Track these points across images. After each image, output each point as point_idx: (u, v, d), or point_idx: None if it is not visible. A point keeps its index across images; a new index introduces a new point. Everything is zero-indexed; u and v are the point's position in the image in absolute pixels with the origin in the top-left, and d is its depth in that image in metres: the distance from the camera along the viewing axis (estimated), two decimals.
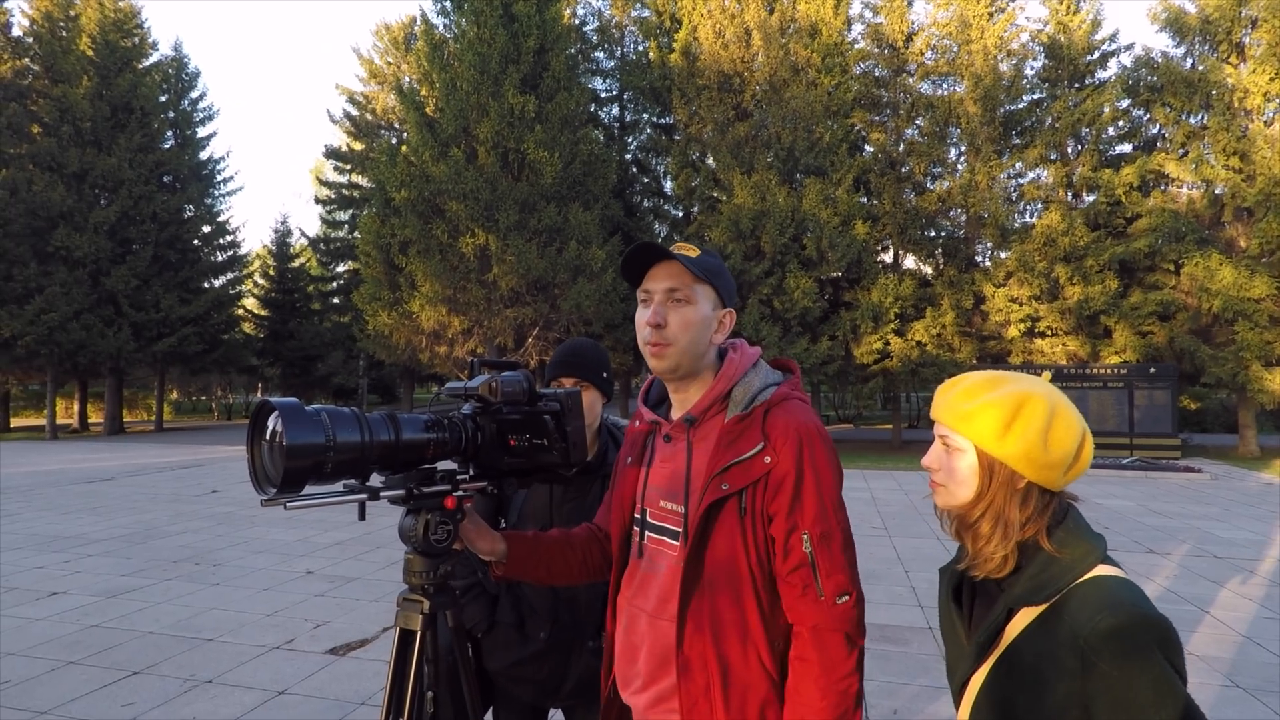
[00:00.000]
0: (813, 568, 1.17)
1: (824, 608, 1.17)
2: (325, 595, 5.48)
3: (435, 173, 16.23)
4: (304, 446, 1.09)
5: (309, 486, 1.15)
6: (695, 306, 1.28)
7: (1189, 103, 16.16)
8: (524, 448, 1.35)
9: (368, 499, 1.25)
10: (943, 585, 1.26)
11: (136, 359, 22.00)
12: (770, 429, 1.23)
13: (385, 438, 1.23)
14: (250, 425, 1.18)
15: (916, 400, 29.48)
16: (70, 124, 20.60)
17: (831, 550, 1.19)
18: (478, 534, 1.40)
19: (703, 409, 1.30)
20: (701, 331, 1.29)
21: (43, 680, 3.91)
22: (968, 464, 1.10)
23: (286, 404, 1.12)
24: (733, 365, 1.32)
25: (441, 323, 16.84)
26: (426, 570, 1.31)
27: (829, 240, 16.45)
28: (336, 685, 3.85)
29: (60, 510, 9.00)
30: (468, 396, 1.38)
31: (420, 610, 1.30)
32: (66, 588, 5.63)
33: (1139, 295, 16.35)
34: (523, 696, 2.00)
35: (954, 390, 1.15)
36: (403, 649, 1.31)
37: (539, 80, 17.10)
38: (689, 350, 1.28)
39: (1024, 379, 1.11)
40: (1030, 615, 1.05)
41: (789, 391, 1.30)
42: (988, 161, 17.14)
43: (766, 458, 1.21)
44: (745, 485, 1.21)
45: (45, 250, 20.16)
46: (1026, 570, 1.06)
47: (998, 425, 1.06)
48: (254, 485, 1.15)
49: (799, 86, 17.11)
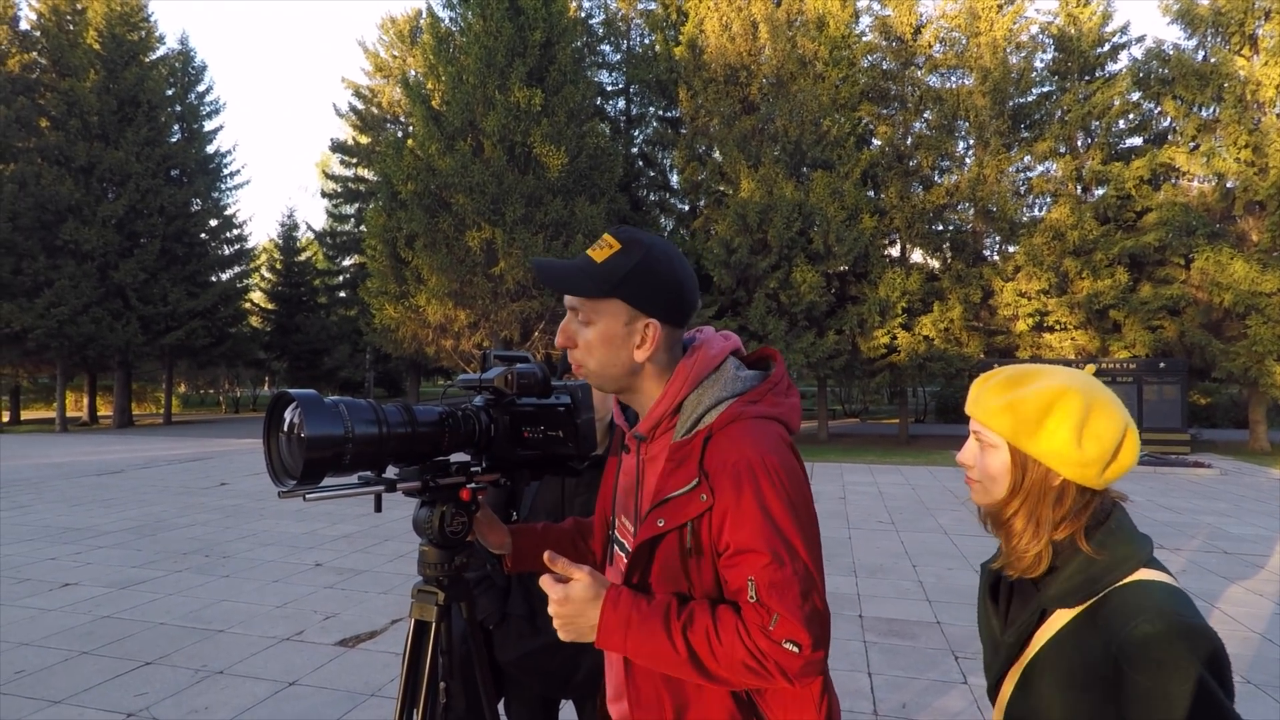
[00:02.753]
0: (766, 610, 1.02)
1: (769, 639, 1.02)
2: (334, 587, 5.50)
3: (441, 166, 16.22)
4: (323, 438, 1.09)
5: (327, 478, 1.15)
6: (596, 327, 1.14)
7: (1200, 95, 16.02)
8: (538, 439, 1.34)
9: (384, 490, 1.25)
10: (981, 582, 1.22)
11: (145, 352, 22.12)
12: (709, 462, 1.08)
13: (402, 429, 1.22)
14: (267, 417, 1.17)
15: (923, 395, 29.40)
16: (78, 118, 20.66)
17: (782, 595, 1.02)
18: (489, 527, 1.39)
19: (651, 425, 1.17)
20: (612, 352, 1.14)
21: (55, 670, 3.94)
22: (1000, 461, 1.07)
23: (305, 395, 1.12)
24: (683, 375, 1.15)
25: (448, 316, 16.87)
26: (441, 562, 1.31)
27: (836, 234, 16.38)
28: (346, 676, 3.87)
29: (70, 502, 9.06)
30: (482, 388, 1.38)
31: (435, 602, 1.30)
32: (78, 579, 5.68)
33: (1149, 289, 16.24)
34: (534, 688, 2.01)
35: (988, 385, 1.10)
36: (417, 640, 1.31)
37: (545, 73, 17.05)
38: (602, 372, 1.16)
39: (1061, 373, 1.07)
40: (1065, 617, 1.02)
41: (742, 409, 1.12)
42: (996, 155, 17.02)
43: (703, 496, 1.06)
44: (684, 523, 1.08)
45: (54, 244, 20.26)
46: (1063, 571, 1.02)
47: (1029, 421, 1.03)
48: (271, 477, 1.15)
49: (806, 80, 17.03)
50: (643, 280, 1.12)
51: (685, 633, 1.05)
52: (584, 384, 1.37)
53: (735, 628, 1.04)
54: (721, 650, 1.03)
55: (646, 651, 1.06)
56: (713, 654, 1.04)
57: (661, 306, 1.14)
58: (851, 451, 16.17)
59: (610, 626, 1.07)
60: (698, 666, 1.05)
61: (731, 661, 1.03)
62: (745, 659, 1.02)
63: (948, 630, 4.61)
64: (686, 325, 1.21)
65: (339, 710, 3.49)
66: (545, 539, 1.44)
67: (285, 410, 1.17)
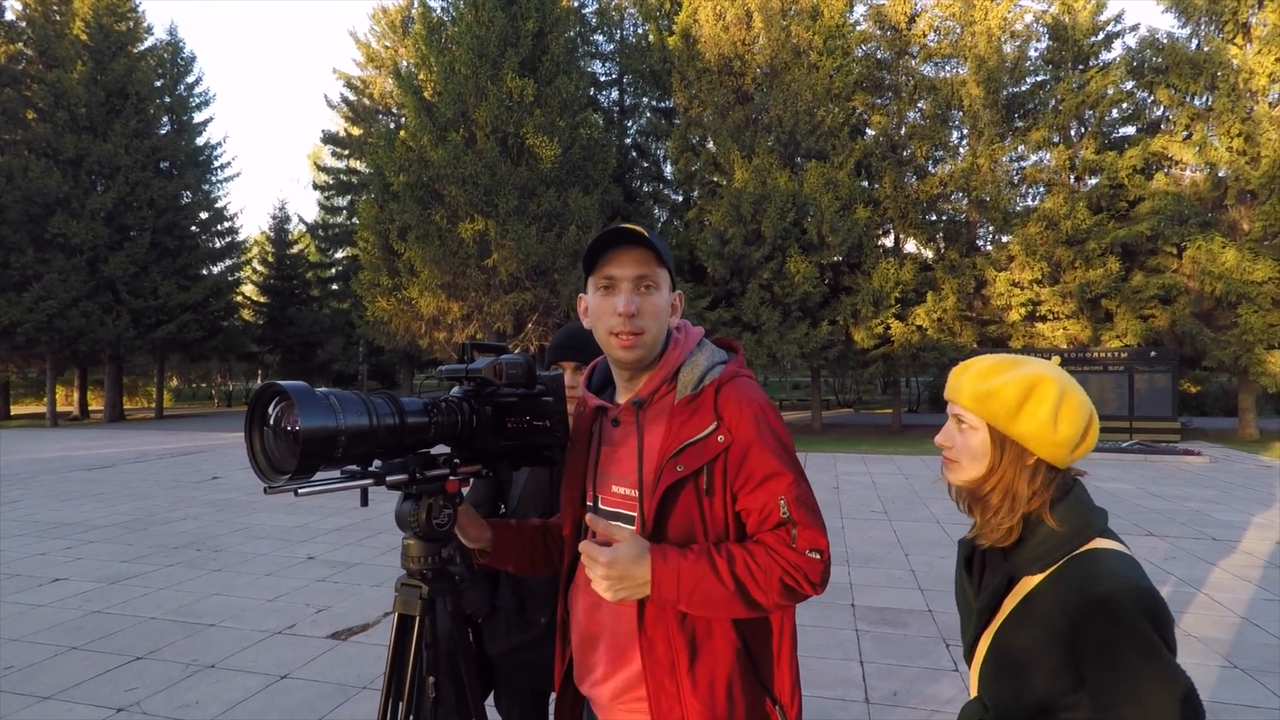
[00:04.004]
0: (790, 524, 1.16)
1: (795, 551, 1.16)
2: (326, 580, 5.49)
3: (433, 157, 16.12)
4: (318, 430, 1.06)
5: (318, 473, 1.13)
6: (660, 293, 1.26)
7: (1194, 84, 16.01)
8: (521, 429, 1.33)
9: (372, 484, 1.23)
10: (959, 555, 1.34)
11: (136, 346, 21.99)
12: (723, 408, 1.22)
13: (390, 420, 1.21)
14: (250, 410, 1.14)
15: (916, 385, 29.49)
16: (65, 109, 20.43)
17: (807, 510, 1.18)
18: (470, 521, 1.39)
19: (650, 390, 1.28)
20: (665, 318, 1.28)
21: (45, 666, 3.92)
22: (980, 441, 1.17)
23: (296, 387, 1.09)
24: (679, 346, 1.31)
25: (441, 309, 16.80)
26: (426, 555, 1.30)
27: (830, 224, 16.36)
28: (338, 669, 3.87)
29: (61, 497, 9.01)
30: (469, 378, 1.37)
31: (419, 595, 1.29)
32: (68, 574, 5.65)
33: (1140, 278, 16.29)
34: (524, 681, 2.00)
35: (968, 372, 1.20)
36: (401, 634, 1.29)
37: (538, 63, 16.93)
38: (657, 338, 1.27)
39: (1035, 362, 1.18)
40: (1031, 583, 1.13)
41: (737, 369, 1.29)
42: (990, 145, 17.01)
43: (720, 437, 1.20)
44: (701, 466, 1.19)
45: (42, 237, 20.07)
46: (1029, 541, 1.13)
47: (1011, 405, 1.13)
48: (257, 473, 1.12)
49: (800, 69, 16.95)
50: (670, 259, 1.30)
51: (731, 567, 1.15)
52: (557, 375, 1.38)
53: (766, 552, 1.16)
54: (762, 575, 1.14)
55: (700, 596, 1.14)
56: (755, 581, 1.14)
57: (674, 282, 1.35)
58: (845, 442, 16.22)
59: (664, 578, 1.14)
60: (745, 598, 1.14)
61: (771, 583, 1.14)
62: (782, 576, 1.14)
63: (939, 618, 4.63)
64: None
65: (331, 703, 3.49)
66: (519, 536, 1.45)
67: (269, 404, 1.14)
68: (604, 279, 1.26)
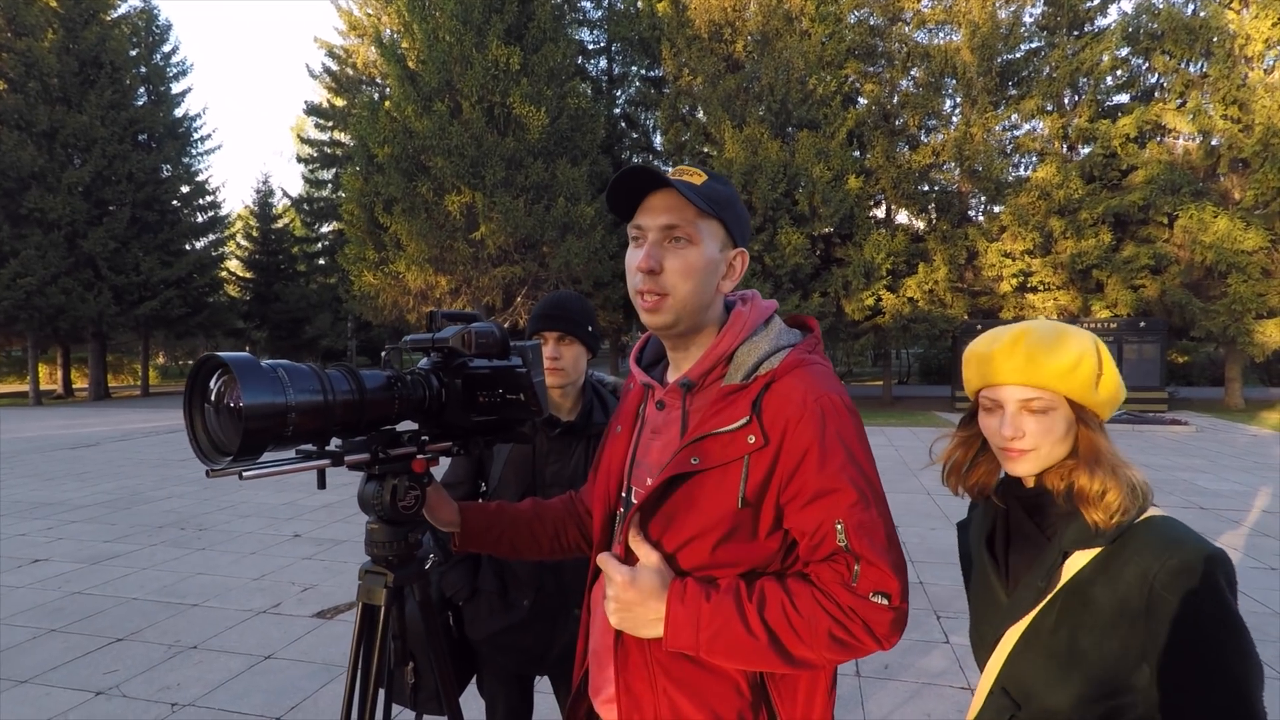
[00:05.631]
0: (852, 557, 0.94)
1: (854, 594, 0.94)
2: (313, 558, 5.42)
3: (418, 128, 15.77)
4: (262, 407, 0.96)
5: (265, 453, 1.03)
6: (698, 248, 1.04)
7: (1189, 50, 15.84)
8: (494, 403, 1.23)
9: (329, 464, 1.13)
10: (970, 536, 1.23)
11: (118, 323, 21.62)
12: (766, 404, 1.01)
13: (348, 396, 1.11)
14: (189, 385, 1.03)
15: (907, 356, 29.53)
16: (37, 79, 19.82)
17: (874, 542, 0.94)
18: (439, 503, 1.28)
19: (702, 372, 1.07)
20: (706, 279, 1.05)
21: (24, 648, 3.84)
22: (1063, 419, 1.08)
23: (239, 359, 0.98)
24: (740, 321, 1.09)
25: (428, 283, 16.57)
26: (391, 540, 1.20)
27: (821, 195, 16.19)
28: (323, 649, 3.80)
29: (43, 477, 8.88)
30: (435, 348, 1.26)
31: (384, 584, 1.19)
32: (49, 554, 5.55)
33: (1131, 248, 16.26)
34: (507, 665, 1.93)
35: (1018, 350, 1.08)
36: (365, 627, 1.20)
37: (524, 31, 16.52)
38: (690, 302, 1.05)
39: (1071, 327, 1.12)
40: (1085, 558, 1.04)
41: (803, 356, 1.06)
42: (983, 113, 16.81)
43: (750, 437, 0.98)
44: (722, 464, 1.00)
45: (18, 213, 19.60)
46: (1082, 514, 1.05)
47: (1090, 374, 1.07)
48: (198, 454, 1.02)
49: (792, 36, 16.63)
50: (738, 210, 1.09)
51: (761, 613, 0.95)
52: (535, 344, 1.27)
53: (812, 595, 0.95)
54: (803, 624, 0.94)
55: (723, 645, 0.96)
56: (794, 631, 0.94)
57: (745, 241, 1.12)
58: None
59: (679, 622, 0.97)
60: (780, 651, 0.95)
61: (815, 634, 0.94)
62: (830, 627, 0.94)
63: (930, 590, 4.62)
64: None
65: (315, 683, 3.43)
66: (497, 520, 1.33)
67: (210, 378, 1.04)
68: (634, 228, 1.08)
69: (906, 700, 3.26)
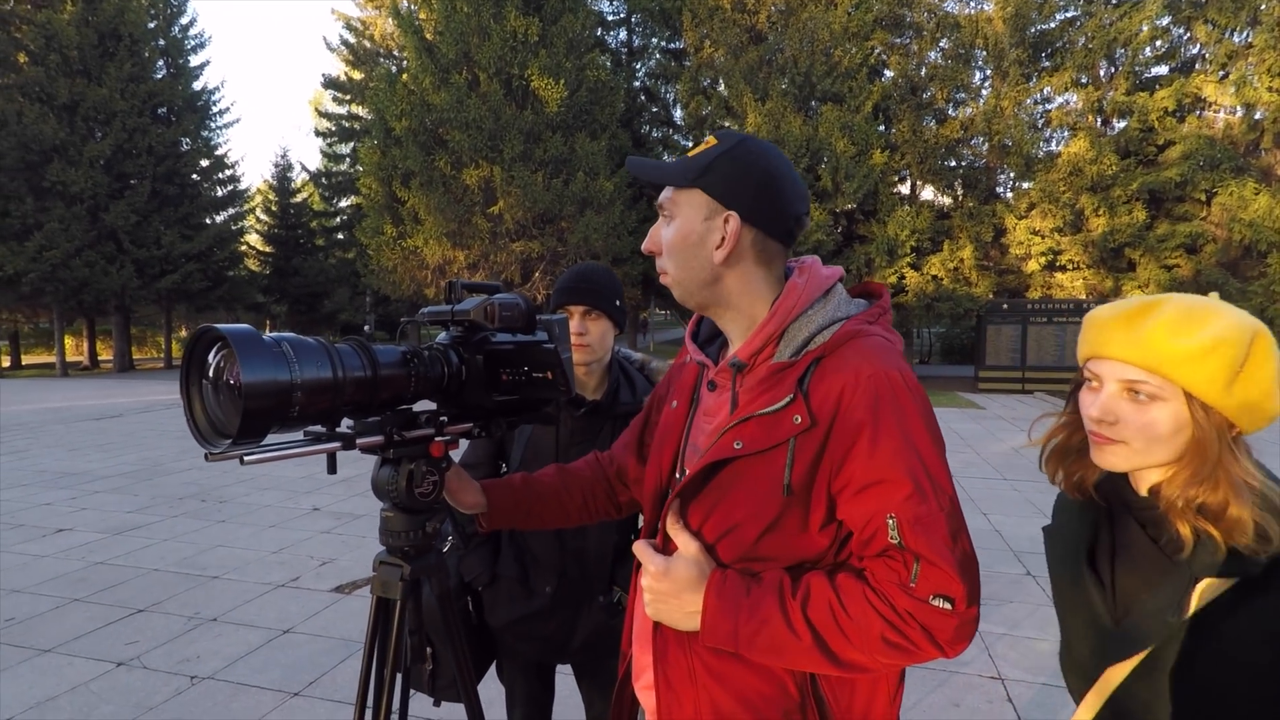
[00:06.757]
0: (910, 556, 0.85)
1: (911, 596, 0.85)
2: (331, 532, 5.42)
3: (436, 101, 15.59)
4: (265, 385, 0.87)
5: (270, 435, 0.94)
6: (676, 222, 1.00)
7: (1234, 19, 15.18)
8: (519, 382, 1.12)
9: (340, 448, 1.04)
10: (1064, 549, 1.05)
11: (141, 296, 21.83)
12: (815, 381, 0.91)
13: (359, 373, 1.01)
14: (185, 360, 0.94)
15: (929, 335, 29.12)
16: (57, 52, 19.82)
17: (933, 538, 0.84)
18: (461, 486, 1.20)
19: (753, 351, 0.98)
20: (689, 253, 0.98)
21: (46, 617, 3.86)
22: (1172, 416, 0.89)
23: (238, 331, 0.88)
24: (794, 294, 0.98)
25: (446, 257, 16.51)
26: (408, 529, 1.11)
27: (845, 171, 15.84)
28: (341, 624, 3.78)
29: (68, 447, 8.98)
30: (455, 321, 1.16)
31: (400, 576, 1.10)
32: (73, 524, 5.60)
33: (1166, 226, 15.77)
34: (527, 653, 1.85)
35: (1148, 322, 0.90)
36: (379, 622, 1.12)
37: (542, 1, 16.20)
38: (682, 279, 1.00)
39: (1228, 307, 0.91)
40: (1220, 587, 0.87)
41: (859, 327, 0.96)
42: (1014, 86, 16.30)
43: (795, 417, 0.90)
44: (767, 448, 0.91)
45: (41, 185, 19.73)
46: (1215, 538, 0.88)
47: (1229, 369, 0.86)
48: (196, 437, 0.93)
49: (817, 7, 16.16)
50: (727, 169, 0.97)
51: (805, 611, 0.88)
52: (562, 318, 1.17)
53: (863, 594, 0.87)
54: (852, 625, 0.86)
55: (764, 643, 0.89)
56: (842, 632, 0.86)
57: (746, 201, 0.97)
58: None
59: (717, 616, 0.91)
60: (826, 653, 0.87)
61: (866, 638, 0.86)
62: (884, 630, 0.85)
63: None
64: (790, 241, 1.02)
65: (333, 659, 3.40)
66: (525, 494, 1.25)
67: (209, 352, 0.94)
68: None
69: (934, 689, 3.18)
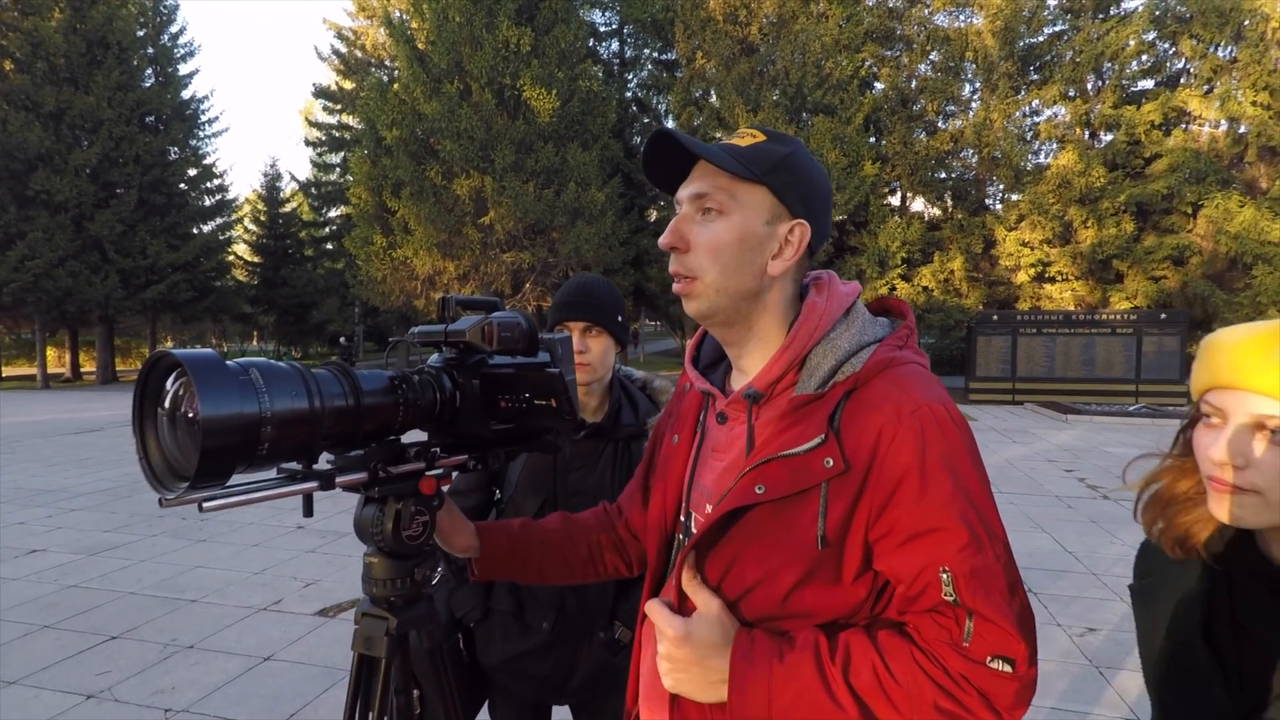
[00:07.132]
0: (964, 612, 0.75)
1: (965, 658, 0.75)
2: (316, 551, 5.25)
3: (427, 110, 15.51)
4: (228, 420, 0.74)
5: (236, 475, 0.81)
6: (730, 219, 0.85)
7: (1219, 34, 15.39)
8: (519, 410, 1.01)
9: (318, 487, 0.92)
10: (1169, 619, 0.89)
11: (126, 307, 21.51)
12: (848, 418, 0.80)
13: (340, 402, 0.89)
14: (138, 390, 0.81)
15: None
16: (44, 60, 19.61)
17: (991, 593, 0.74)
18: (453, 527, 1.07)
19: (770, 380, 0.86)
20: (741, 258, 0.85)
21: (13, 646, 3.68)
22: None
23: (198, 357, 0.76)
24: (814, 315, 0.86)
25: (436, 268, 16.38)
26: (393, 577, 0.99)
27: (836, 182, 15.85)
28: (324, 650, 3.63)
29: (45, 462, 8.75)
30: (450, 343, 1.05)
31: (386, 630, 0.98)
32: (46, 545, 5.40)
33: (1153, 239, 15.90)
34: (523, 693, 1.73)
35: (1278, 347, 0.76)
36: (362, 682, 0.99)
37: (535, 11, 16.20)
38: (725, 286, 0.85)
39: None
40: None
41: (892, 354, 0.84)
42: (1004, 99, 16.42)
43: (827, 459, 0.78)
44: (790, 494, 0.80)
45: (25, 194, 19.45)
46: None
47: None
48: (149, 479, 0.81)
49: (808, 19, 16.26)
50: (797, 173, 0.87)
51: (847, 678, 0.76)
52: (565, 338, 1.05)
53: (911, 656, 0.76)
54: (900, 693, 0.75)
55: (801, 717, 0.77)
56: (889, 700, 0.75)
57: (816, 211, 0.88)
58: None
59: (746, 686, 0.79)
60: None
61: (917, 706, 0.75)
62: (936, 697, 0.75)
63: None
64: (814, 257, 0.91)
65: (316, 688, 3.25)
66: (522, 542, 1.12)
67: (166, 380, 0.82)
68: (676, 204, 0.92)
69: None
